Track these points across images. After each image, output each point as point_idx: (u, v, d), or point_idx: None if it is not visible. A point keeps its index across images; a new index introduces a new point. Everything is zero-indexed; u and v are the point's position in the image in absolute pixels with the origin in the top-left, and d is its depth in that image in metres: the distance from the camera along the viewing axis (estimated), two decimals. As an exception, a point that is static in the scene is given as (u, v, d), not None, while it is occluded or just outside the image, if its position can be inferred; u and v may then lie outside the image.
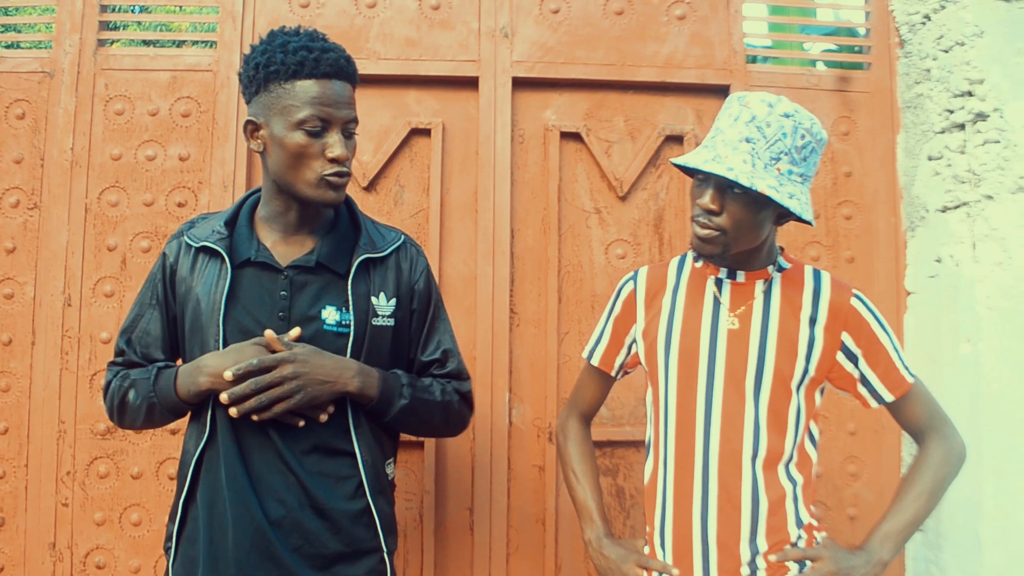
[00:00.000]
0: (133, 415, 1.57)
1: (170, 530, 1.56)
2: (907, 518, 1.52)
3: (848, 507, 2.45)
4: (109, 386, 1.61)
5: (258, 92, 1.48)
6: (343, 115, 1.47)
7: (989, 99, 2.22)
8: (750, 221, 1.42)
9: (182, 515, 1.54)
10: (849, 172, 2.54)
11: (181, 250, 1.60)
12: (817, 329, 1.51)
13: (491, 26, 2.47)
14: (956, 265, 2.28)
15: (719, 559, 1.48)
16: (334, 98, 1.46)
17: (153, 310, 1.62)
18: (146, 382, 1.54)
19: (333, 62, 1.46)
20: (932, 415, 1.59)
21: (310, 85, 1.44)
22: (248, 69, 1.49)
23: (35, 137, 2.38)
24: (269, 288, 1.53)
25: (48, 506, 2.29)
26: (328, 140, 1.46)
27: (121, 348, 1.63)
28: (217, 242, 1.55)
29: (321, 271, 1.55)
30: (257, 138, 1.51)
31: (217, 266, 1.54)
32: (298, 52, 1.43)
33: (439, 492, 2.36)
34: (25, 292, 2.34)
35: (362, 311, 1.56)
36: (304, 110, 1.43)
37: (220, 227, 1.57)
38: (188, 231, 1.61)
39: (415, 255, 1.69)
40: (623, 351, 1.71)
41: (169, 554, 1.56)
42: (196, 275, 1.56)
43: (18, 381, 2.32)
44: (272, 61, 1.44)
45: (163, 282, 1.61)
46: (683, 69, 2.51)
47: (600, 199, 2.50)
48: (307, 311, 1.53)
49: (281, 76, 1.44)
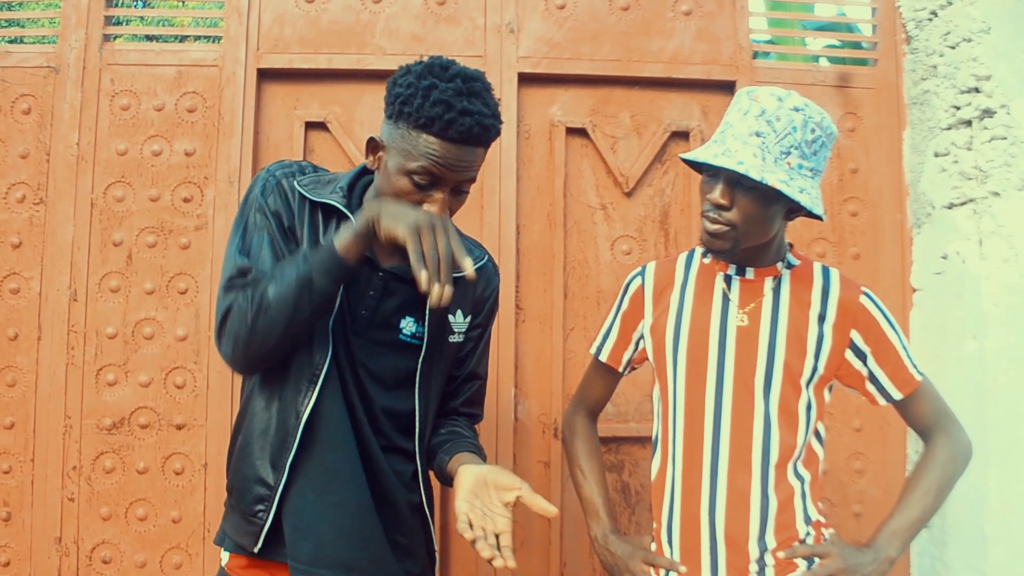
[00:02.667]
0: (277, 312, 1.37)
1: (262, 493, 1.46)
2: (914, 515, 1.52)
3: (853, 504, 2.45)
4: (230, 312, 1.40)
5: (390, 118, 1.41)
6: (458, 177, 1.40)
7: (996, 95, 2.22)
8: (760, 216, 1.41)
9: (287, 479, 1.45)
10: (855, 168, 2.53)
11: (296, 193, 1.49)
12: (826, 326, 1.51)
13: (497, 21, 2.47)
14: (962, 262, 2.28)
15: (727, 556, 1.48)
16: (454, 161, 1.37)
17: (267, 234, 1.46)
18: (292, 262, 1.38)
19: (466, 130, 1.35)
20: (939, 413, 1.59)
21: (434, 143, 1.35)
22: (391, 92, 1.41)
23: (41, 132, 2.38)
24: (363, 282, 1.50)
25: (54, 501, 2.29)
26: (433, 195, 1.40)
27: (239, 268, 1.43)
28: (344, 204, 1.47)
29: (410, 283, 1.46)
30: (375, 157, 1.46)
31: (334, 228, 1.46)
32: (436, 106, 1.33)
33: (444, 488, 2.34)
34: (31, 287, 2.34)
35: (438, 327, 1.55)
36: (419, 162, 1.36)
37: (343, 190, 1.50)
38: (298, 178, 1.51)
39: (492, 275, 1.69)
40: (631, 347, 1.71)
41: (264, 516, 1.46)
42: (307, 226, 1.48)
43: (24, 376, 2.32)
44: (409, 101, 1.36)
45: (278, 207, 1.47)
46: (689, 65, 2.50)
47: (606, 195, 2.50)
48: (389, 317, 1.52)
49: (411, 121, 1.36)
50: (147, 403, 2.33)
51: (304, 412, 1.45)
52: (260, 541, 1.46)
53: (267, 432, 1.48)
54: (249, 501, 1.47)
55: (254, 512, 1.47)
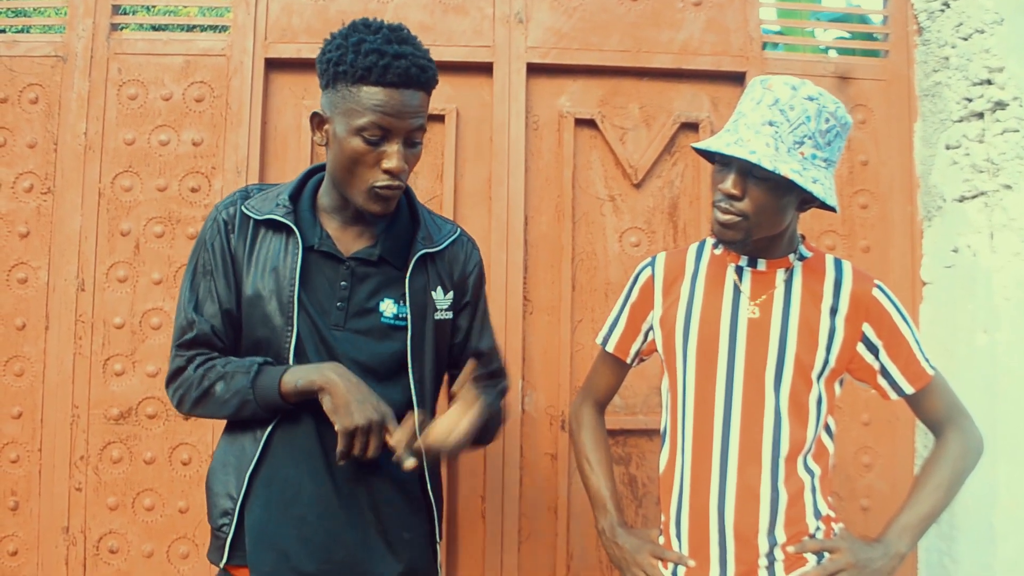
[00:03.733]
0: (217, 407, 1.49)
1: (226, 506, 1.50)
2: (924, 511, 1.51)
3: (861, 498, 2.44)
4: (181, 373, 1.52)
5: (327, 87, 1.44)
6: (407, 125, 1.41)
7: (1008, 87, 2.20)
8: (773, 206, 1.40)
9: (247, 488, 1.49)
10: (865, 161, 2.51)
11: (238, 218, 1.53)
12: (838, 320, 1.49)
13: (505, 12, 2.45)
14: (973, 255, 2.26)
15: (737, 550, 1.47)
16: (399, 107, 1.39)
17: (210, 279, 1.53)
18: (244, 376, 1.45)
19: (403, 71, 1.37)
20: (951, 408, 1.57)
21: (375, 92, 1.37)
22: (322, 60, 1.44)
23: (48, 122, 2.37)
24: (330, 276, 1.51)
25: (61, 490, 2.29)
26: (387, 149, 1.41)
27: (189, 321, 1.52)
28: (285, 216, 1.50)
29: (382, 264, 1.54)
30: (322, 132, 1.48)
31: (282, 241, 1.50)
32: (368, 55, 1.36)
33: (451, 480, 2.36)
34: (39, 277, 2.34)
35: (420, 305, 1.55)
36: (365, 117, 1.38)
37: (285, 201, 1.53)
38: (245, 201, 1.55)
39: (470, 248, 1.68)
40: (639, 338, 1.70)
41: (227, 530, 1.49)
42: (257, 248, 1.51)
43: (32, 366, 2.32)
44: (342, 60, 1.38)
45: (221, 248, 1.52)
46: (699, 56, 2.49)
47: (614, 186, 2.49)
48: (366, 303, 1.52)
49: (348, 78, 1.38)
50: (154, 393, 2.32)
51: (265, 432, 1.49)
52: (225, 555, 1.49)
53: (232, 448, 1.53)
54: (216, 515, 1.52)
55: (219, 526, 1.51)
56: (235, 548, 1.49)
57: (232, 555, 1.49)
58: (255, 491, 1.49)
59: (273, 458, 1.49)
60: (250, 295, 1.50)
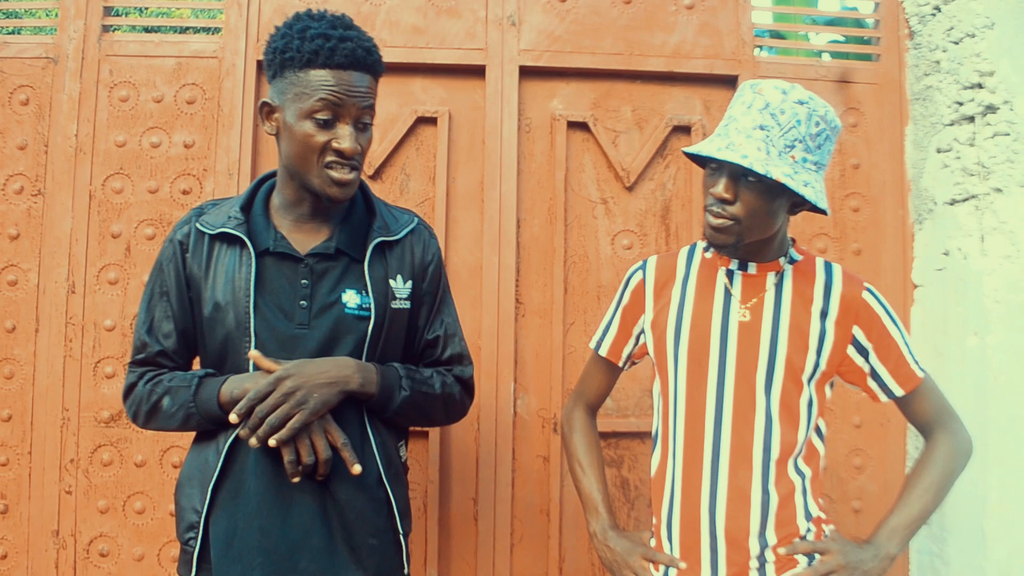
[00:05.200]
0: (166, 420, 1.53)
1: (192, 520, 1.50)
2: (914, 512, 1.52)
3: (853, 500, 2.45)
4: (133, 389, 1.56)
5: (275, 76, 1.46)
6: (356, 105, 1.43)
7: (999, 91, 2.21)
8: (764, 210, 1.41)
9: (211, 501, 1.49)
10: (857, 164, 2.52)
11: (192, 237, 1.56)
12: (828, 322, 1.50)
13: (498, 14, 2.46)
14: (964, 258, 2.27)
15: (728, 552, 1.48)
16: (347, 88, 1.42)
17: (166, 300, 1.57)
18: (186, 390, 1.49)
19: (349, 52, 1.41)
20: (940, 410, 1.58)
21: (324, 75, 1.41)
22: (268, 51, 1.47)
23: (39, 123, 2.37)
24: (289, 276, 1.52)
25: (51, 494, 2.28)
26: (338, 131, 1.44)
27: (142, 342, 1.57)
28: (236, 228, 1.52)
29: (340, 257, 1.54)
30: (272, 121, 1.49)
31: (237, 254, 1.52)
32: (314, 40, 1.40)
33: (443, 482, 2.36)
34: (29, 279, 2.33)
35: (381, 294, 1.54)
36: (315, 99, 1.41)
37: (236, 213, 1.54)
38: (199, 218, 1.57)
39: (428, 237, 1.68)
40: (631, 341, 1.70)
41: (193, 544, 1.50)
42: (213, 263, 1.53)
43: (22, 368, 2.31)
44: (288, 47, 1.42)
45: (176, 270, 1.55)
46: (691, 59, 2.49)
47: (607, 189, 2.49)
48: (328, 297, 1.52)
49: (296, 64, 1.41)
50: (145, 396, 2.31)
51: (227, 441, 1.49)
52: (193, 568, 1.50)
53: (197, 461, 1.54)
54: (182, 530, 1.52)
55: (186, 540, 1.51)
56: (202, 561, 1.49)
57: (200, 568, 1.49)
58: (220, 504, 1.49)
59: (236, 470, 1.49)
60: (210, 309, 1.52)
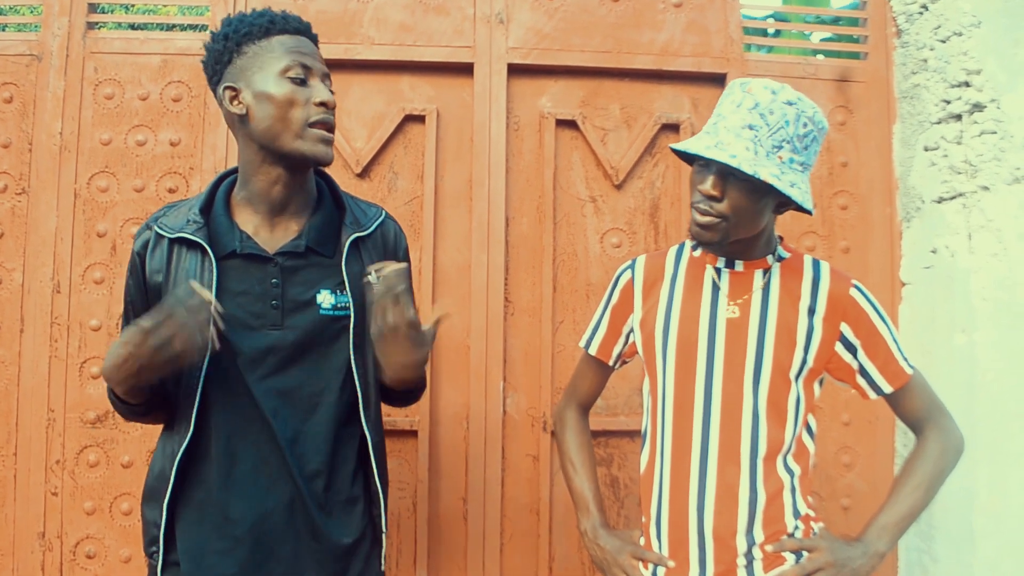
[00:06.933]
0: (124, 390, 1.43)
1: (153, 534, 1.48)
2: (904, 510, 1.52)
3: (842, 497, 2.45)
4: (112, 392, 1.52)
5: (231, 61, 1.46)
6: (320, 66, 1.49)
7: (986, 89, 2.21)
8: (751, 208, 1.41)
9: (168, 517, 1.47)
10: (845, 162, 2.53)
11: (151, 242, 1.51)
12: (816, 319, 1.50)
13: (486, 12, 2.45)
14: (951, 256, 2.28)
15: (715, 550, 1.48)
16: (309, 49, 1.49)
17: (132, 309, 1.54)
18: (114, 346, 1.40)
19: (298, 20, 1.50)
20: (930, 407, 1.58)
21: (286, 38, 1.47)
22: (215, 47, 1.48)
23: (23, 121, 2.34)
24: (259, 277, 1.47)
25: (37, 495, 2.26)
26: (313, 86, 1.46)
27: None
28: (195, 232, 1.46)
29: (311, 255, 1.50)
30: (238, 103, 1.45)
31: (198, 259, 1.46)
32: (263, 15, 1.47)
33: (432, 481, 2.35)
34: (13, 278, 2.31)
35: (359, 291, 1.49)
36: (286, 59, 1.44)
37: (195, 216, 1.49)
38: (158, 220, 1.52)
39: (396, 228, 1.67)
40: (620, 340, 1.70)
41: (156, 557, 1.48)
42: (173, 268, 1.47)
43: (6, 368, 2.29)
44: (242, 26, 1.46)
45: (136, 282, 1.52)
46: (680, 57, 2.49)
47: (595, 187, 2.48)
48: (301, 297, 1.48)
49: (255, 35, 1.45)
50: (132, 396, 2.30)
51: (178, 451, 1.46)
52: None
53: (155, 474, 1.52)
54: (146, 544, 1.50)
55: (150, 554, 1.50)
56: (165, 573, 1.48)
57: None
58: (184, 515, 1.48)
59: (197, 481, 1.47)
60: None
